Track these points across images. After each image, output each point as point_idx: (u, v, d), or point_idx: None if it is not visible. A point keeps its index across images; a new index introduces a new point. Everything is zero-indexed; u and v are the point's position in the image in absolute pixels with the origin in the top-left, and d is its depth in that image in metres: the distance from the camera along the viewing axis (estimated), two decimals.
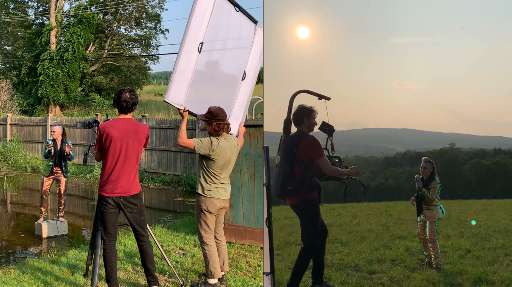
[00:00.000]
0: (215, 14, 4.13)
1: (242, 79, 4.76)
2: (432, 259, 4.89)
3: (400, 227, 5.87)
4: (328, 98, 3.85)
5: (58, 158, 7.14)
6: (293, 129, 3.96)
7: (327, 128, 3.90)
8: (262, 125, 5.73)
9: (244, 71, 4.75)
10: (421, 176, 5.09)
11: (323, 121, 3.91)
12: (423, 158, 5.21)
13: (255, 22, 4.70)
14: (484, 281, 4.32)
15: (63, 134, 7.27)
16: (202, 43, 4.08)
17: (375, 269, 4.66)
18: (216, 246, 4.44)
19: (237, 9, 4.44)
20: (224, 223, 4.85)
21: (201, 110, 4.33)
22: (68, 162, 7.32)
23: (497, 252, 4.97)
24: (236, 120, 4.74)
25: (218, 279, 4.40)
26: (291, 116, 3.86)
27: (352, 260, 4.90)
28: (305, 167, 3.73)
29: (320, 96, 3.86)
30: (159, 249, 4.61)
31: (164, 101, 4.01)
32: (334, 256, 4.98)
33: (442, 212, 5.19)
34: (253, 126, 5.76)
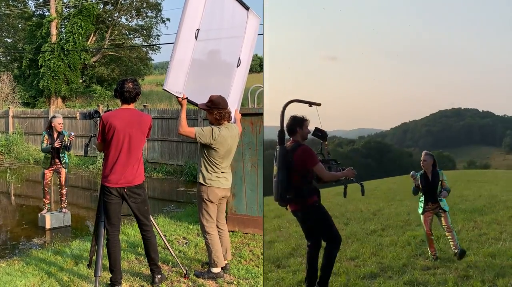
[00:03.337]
0: (209, 1, 4.12)
1: (237, 66, 4.76)
2: (452, 248, 4.71)
3: None
4: (319, 104, 3.84)
5: (56, 150, 7.12)
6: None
7: (320, 134, 3.93)
8: (263, 114, 5.70)
9: (239, 58, 4.76)
10: (417, 173, 4.84)
11: (315, 127, 3.93)
12: (423, 152, 4.97)
13: (247, 8, 4.72)
14: None
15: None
16: (198, 29, 4.05)
17: None
18: (218, 235, 4.43)
19: None
20: (227, 212, 4.84)
21: (199, 98, 4.30)
22: (68, 153, 7.27)
23: None
24: (231, 106, 4.70)
25: (222, 268, 4.40)
26: (285, 127, 3.87)
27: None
28: (302, 175, 3.76)
29: (311, 104, 3.85)
30: (162, 239, 4.61)
31: (163, 89, 3.99)
32: None
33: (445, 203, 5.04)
34: (255, 115, 5.73)
